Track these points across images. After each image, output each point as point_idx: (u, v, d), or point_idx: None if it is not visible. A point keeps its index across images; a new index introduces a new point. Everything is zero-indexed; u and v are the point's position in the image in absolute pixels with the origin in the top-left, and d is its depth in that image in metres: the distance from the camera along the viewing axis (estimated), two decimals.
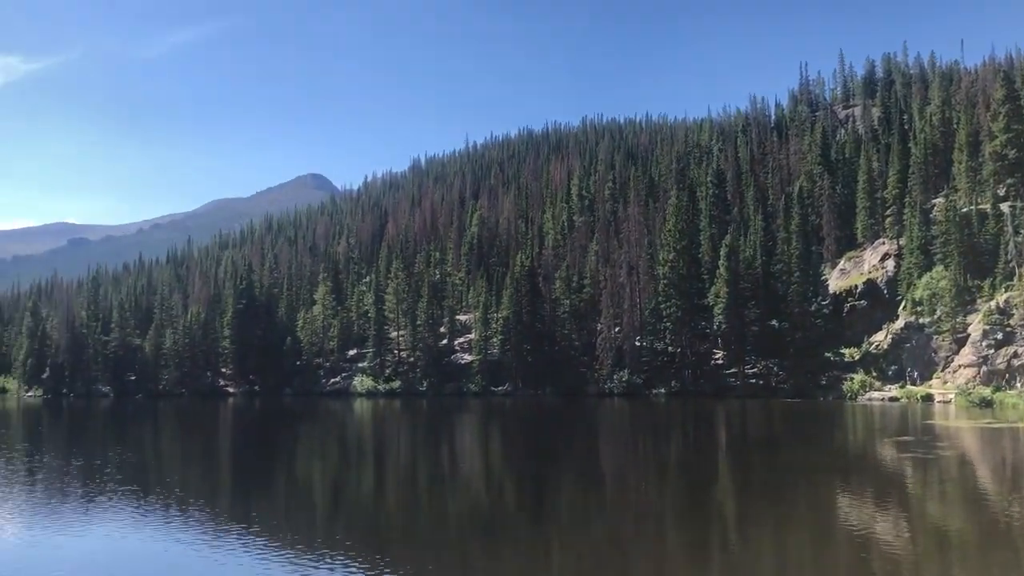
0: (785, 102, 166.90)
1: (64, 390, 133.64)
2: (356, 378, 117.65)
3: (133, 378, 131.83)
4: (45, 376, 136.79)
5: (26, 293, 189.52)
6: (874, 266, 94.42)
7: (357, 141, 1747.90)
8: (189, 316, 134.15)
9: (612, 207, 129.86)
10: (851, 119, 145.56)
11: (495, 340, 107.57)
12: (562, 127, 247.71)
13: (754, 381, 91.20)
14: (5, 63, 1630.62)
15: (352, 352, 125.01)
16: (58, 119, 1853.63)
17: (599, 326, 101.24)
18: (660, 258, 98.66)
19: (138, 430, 67.49)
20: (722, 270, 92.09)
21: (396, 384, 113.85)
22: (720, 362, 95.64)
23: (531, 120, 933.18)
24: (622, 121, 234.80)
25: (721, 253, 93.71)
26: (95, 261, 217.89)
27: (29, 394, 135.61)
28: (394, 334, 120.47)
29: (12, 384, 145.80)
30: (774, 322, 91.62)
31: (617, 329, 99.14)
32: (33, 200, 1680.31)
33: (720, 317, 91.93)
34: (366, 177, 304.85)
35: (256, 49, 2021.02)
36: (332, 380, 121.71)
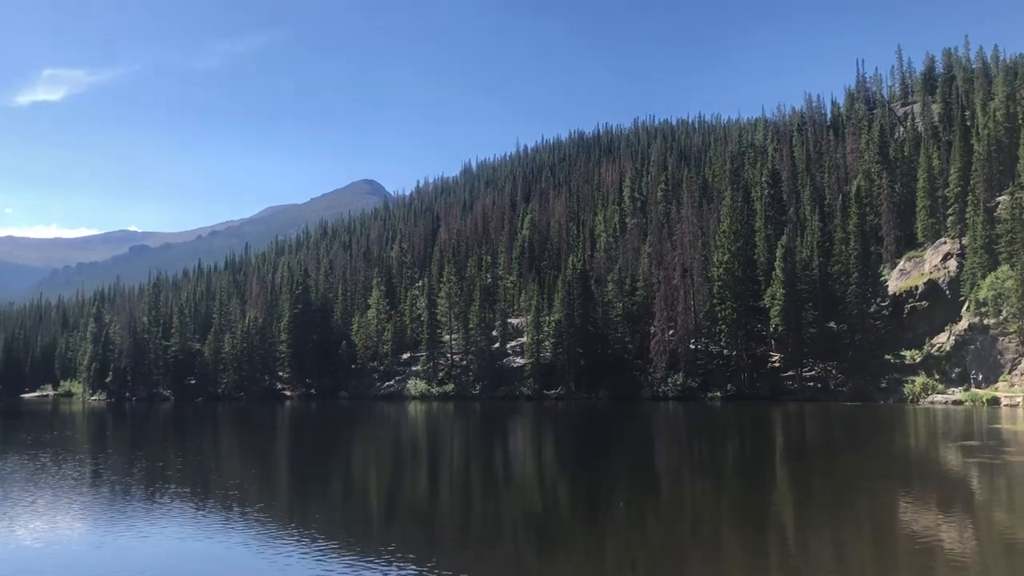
0: (841, 100, 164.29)
1: (126, 394, 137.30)
2: (410, 381, 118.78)
3: (193, 382, 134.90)
4: (108, 380, 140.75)
5: (90, 299, 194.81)
6: (935, 266, 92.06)
7: (409, 147, 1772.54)
8: (247, 321, 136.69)
9: (665, 209, 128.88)
10: (910, 116, 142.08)
11: (547, 343, 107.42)
12: (613, 129, 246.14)
13: (812, 384, 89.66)
14: (71, 76, 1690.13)
15: (406, 356, 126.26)
16: (120, 129, 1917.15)
17: (652, 329, 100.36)
18: (714, 260, 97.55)
19: (199, 432, 68.98)
20: (778, 271, 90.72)
21: (449, 387, 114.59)
22: (777, 365, 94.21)
23: (582, 122, 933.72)
24: (674, 122, 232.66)
25: (777, 254, 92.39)
26: (155, 268, 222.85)
27: (93, 398, 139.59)
28: (447, 338, 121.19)
29: (77, 388, 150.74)
30: (832, 324, 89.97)
31: (671, 332, 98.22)
32: (96, 209, 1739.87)
33: (776, 319, 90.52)
34: (418, 182, 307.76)
35: (309, 58, 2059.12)
36: (386, 383, 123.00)
